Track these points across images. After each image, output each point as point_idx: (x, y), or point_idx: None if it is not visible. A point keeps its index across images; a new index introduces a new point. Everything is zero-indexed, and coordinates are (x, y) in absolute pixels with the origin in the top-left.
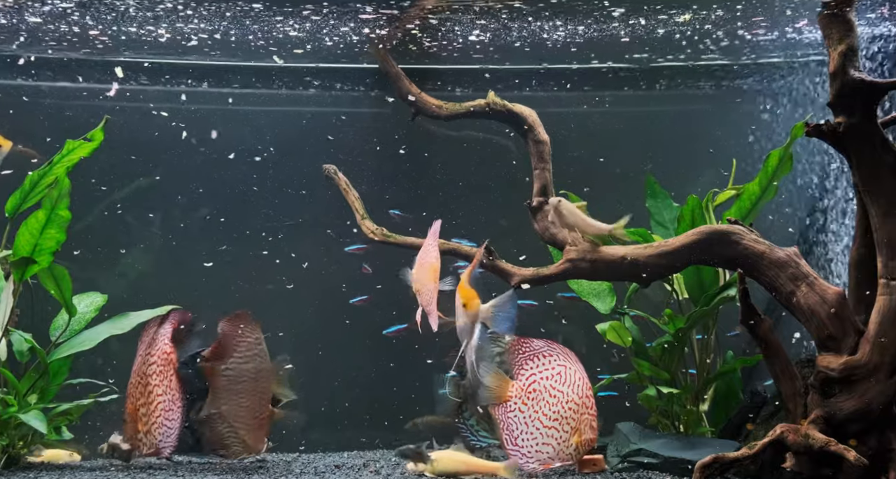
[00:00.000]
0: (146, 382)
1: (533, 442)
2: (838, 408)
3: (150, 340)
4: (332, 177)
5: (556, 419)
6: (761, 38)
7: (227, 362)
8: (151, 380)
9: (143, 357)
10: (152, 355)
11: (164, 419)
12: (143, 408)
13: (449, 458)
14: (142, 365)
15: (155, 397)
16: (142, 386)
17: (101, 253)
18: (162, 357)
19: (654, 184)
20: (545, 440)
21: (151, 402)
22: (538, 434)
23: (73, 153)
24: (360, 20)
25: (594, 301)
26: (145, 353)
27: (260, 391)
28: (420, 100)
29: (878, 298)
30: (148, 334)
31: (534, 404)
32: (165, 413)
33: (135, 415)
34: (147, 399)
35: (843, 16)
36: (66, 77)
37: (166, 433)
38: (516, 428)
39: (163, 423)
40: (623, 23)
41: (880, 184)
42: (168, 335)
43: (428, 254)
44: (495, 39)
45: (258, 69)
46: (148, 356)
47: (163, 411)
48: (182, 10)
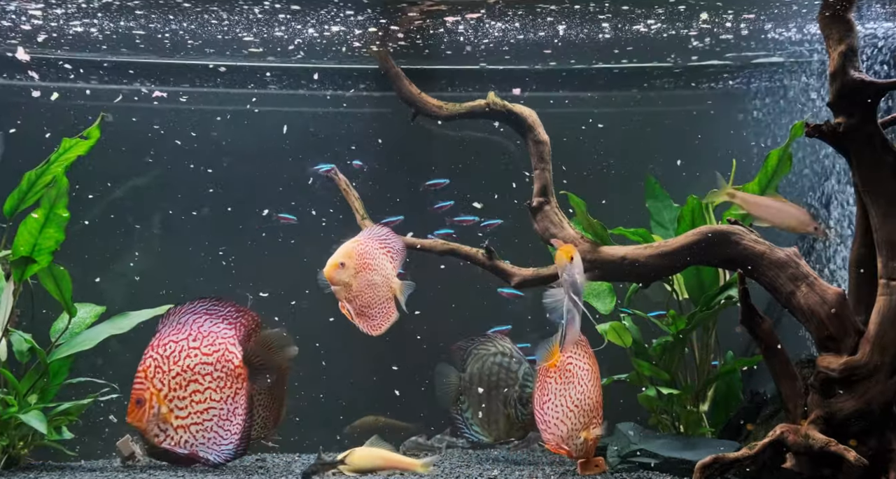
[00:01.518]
0: (192, 378)
1: (554, 416)
2: (838, 408)
3: (191, 332)
4: (333, 177)
5: (576, 406)
6: (766, 35)
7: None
8: (203, 381)
9: (183, 349)
10: (207, 355)
11: (218, 428)
12: (180, 401)
13: (364, 454)
14: (184, 357)
15: (208, 401)
16: (182, 379)
17: (100, 253)
18: (224, 363)
19: (654, 184)
20: (563, 419)
21: (199, 402)
22: (559, 411)
23: (70, 151)
24: (360, 20)
25: (594, 301)
26: (189, 346)
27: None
28: (420, 100)
29: (878, 298)
30: (187, 325)
31: (566, 382)
32: (221, 422)
33: (160, 401)
34: (191, 397)
35: (843, 16)
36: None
37: (215, 442)
38: (547, 395)
39: (214, 430)
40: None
41: (880, 184)
42: (232, 339)
43: (370, 257)
44: (495, 39)
45: (258, 69)
46: (198, 353)
47: (217, 418)
48: (180, 10)
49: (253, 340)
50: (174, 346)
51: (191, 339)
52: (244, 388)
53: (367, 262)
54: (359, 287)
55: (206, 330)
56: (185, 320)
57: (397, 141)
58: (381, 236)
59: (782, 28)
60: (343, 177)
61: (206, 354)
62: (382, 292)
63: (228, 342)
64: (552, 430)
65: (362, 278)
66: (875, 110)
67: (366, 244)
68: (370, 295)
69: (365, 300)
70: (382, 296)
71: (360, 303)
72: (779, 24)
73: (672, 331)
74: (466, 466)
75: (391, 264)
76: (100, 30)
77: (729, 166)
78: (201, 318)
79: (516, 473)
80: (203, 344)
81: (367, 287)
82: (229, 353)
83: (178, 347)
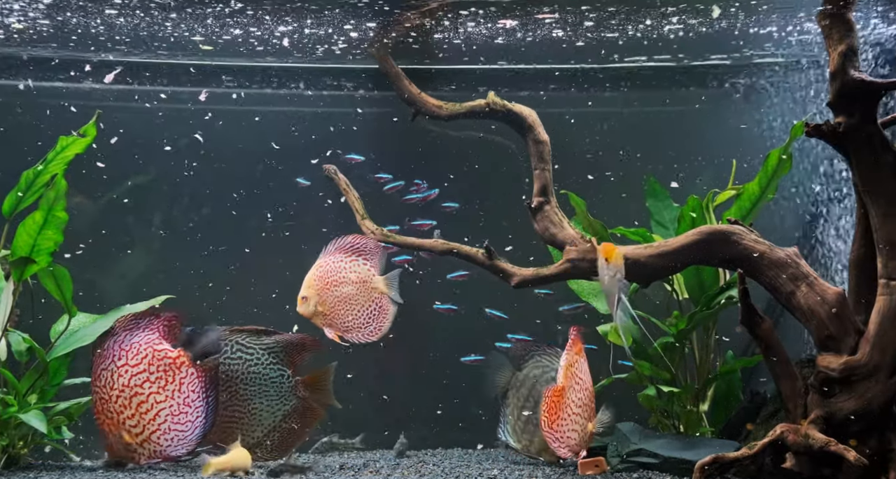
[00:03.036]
0: (132, 393)
1: (566, 428)
2: (838, 408)
3: (115, 352)
4: (333, 177)
5: (580, 406)
6: (766, 31)
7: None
8: (142, 390)
9: (113, 371)
10: (135, 365)
11: (174, 424)
12: (130, 419)
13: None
14: (117, 378)
15: (154, 405)
16: (124, 399)
17: (100, 253)
18: (156, 364)
19: (654, 184)
20: (573, 427)
21: (147, 412)
22: (569, 421)
23: (67, 150)
24: (360, 20)
25: (594, 301)
26: (118, 366)
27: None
28: (420, 100)
29: (878, 298)
30: (111, 348)
31: (570, 389)
32: (174, 418)
33: (117, 428)
34: (137, 410)
35: (843, 16)
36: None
37: (179, 438)
38: (556, 414)
39: (171, 428)
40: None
41: (880, 184)
42: (157, 339)
43: (332, 273)
44: (494, 39)
45: (257, 69)
46: (126, 368)
47: (169, 416)
48: (180, 10)
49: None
50: (106, 374)
51: (116, 359)
52: (190, 372)
53: (331, 280)
54: (332, 308)
55: (128, 344)
56: (108, 348)
57: (398, 140)
58: (345, 246)
59: (782, 27)
60: (343, 177)
61: (135, 365)
62: (361, 298)
63: (153, 344)
64: (566, 442)
65: (331, 297)
66: (875, 110)
67: (324, 264)
68: (346, 309)
69: (344, 316)
70: (362, 302)
71: (342, 320)
72: (778, 23)
73: (673, 331)
74: (466, 466)
75: (367, 264)
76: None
77: (729, 166)
78: (120, 337)
79: (516, 473)
80: (129, 357)
81: (339, 303)
82: (158, 352)
83: (108, 373)
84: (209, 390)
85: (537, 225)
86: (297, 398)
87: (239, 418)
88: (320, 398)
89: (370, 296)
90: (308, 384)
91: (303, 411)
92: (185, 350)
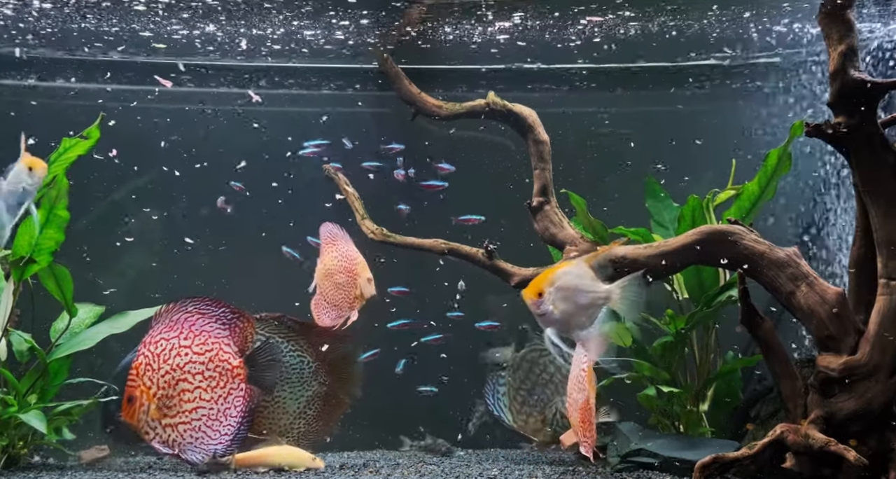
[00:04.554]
0: (182, 377)
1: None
2: (838, 408)
3: (182, 330)
4: (333, 177)
5: (590, 403)
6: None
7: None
8: (192, 380)
9: (175, 346)
10: (198, 353)
11: (205, 427)
12: (168, 399)
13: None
14: (174, 355)
15: (196, 399)
16: (171, 378)
17: (100, 253)
18: (216, 362)
19: (654, 184)
20: (593, 422)
21: (187, 401)
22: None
23: (70, 151)
24: (360, 20)
25: None
26: (181, 344)
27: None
28: (420, 100)
29: (878, 298)
30: (180, 323)
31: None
32: (209, 421)
33: (149, 399)
34: (179, 396)
35: (843, 16)
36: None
37: (202, 441)
38: (587, 420)
39: (201, 429)
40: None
41: (880, 184)
42: (227, 339)
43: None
44: (495, 39)
45: (256, 70)
46: (188, 351)
47: (205, 417)
48: (183, 10)
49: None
50: (165, 344)
51: (181, 337)
52: (241, 388)
53: (335, 272)
54: (340, 292)
55: (199, 329)
56: (176, 319)
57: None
58: (326, 237)
59: (782, 27)
60: (343, 177)
61: (198, 353)
62: (343, 278)
63: (222, 342)
64: (592, 438)
65: (334, 283)
66: (875, 110)
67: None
68: (336, 291)
69: (340, 296)
70: (346, 282)
71: (338, 299)
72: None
73: (671, 330)
74: (466, 465)
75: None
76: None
77: (729, 166)
78: (193, 316)
79: (516, 472)
80: (194, 343)
81: (335, 289)
82: (224, 353)
83: (168, 345)
84: (247, 415)
85: (537, 225)
86: (318, 384)
87: (265, 406)
88: (343, 386)
89: (349, 276)
90: (330, 370)
91: (326, 398)
92: (246, 363)
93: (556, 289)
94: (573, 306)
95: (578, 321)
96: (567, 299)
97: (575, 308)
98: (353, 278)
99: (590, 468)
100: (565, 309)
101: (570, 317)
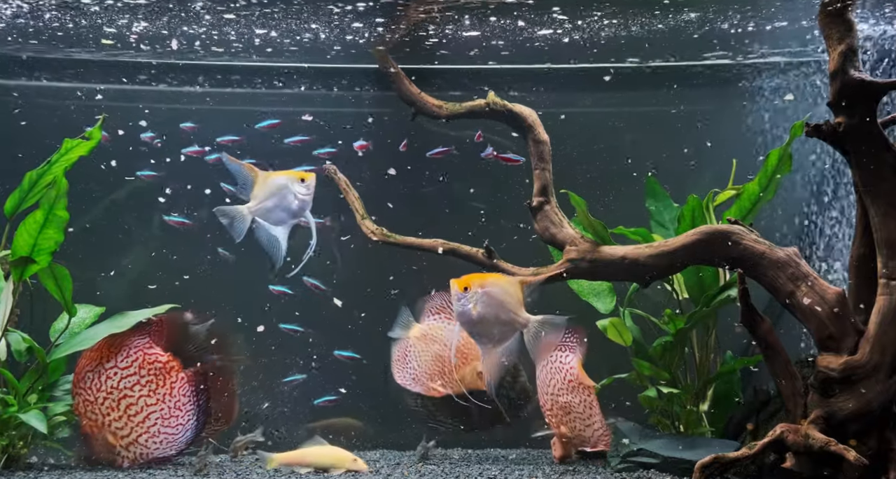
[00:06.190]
0: (121, 395)
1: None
2: (838, 408)
3: (102, 354)
4: (332, 177)
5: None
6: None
7: None
8: (132, 392)
9: (101, 373)
10: (125, 368)
11: (163, 427)
12: (117, 422)
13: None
14: (105, 379)
15: (144, 408)
16: (111, 401)
17: (100, 253)
18: (147, 367)
19: (654, 184)
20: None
21: (136, 414)
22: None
23: (72, 152)
24: (360, 20)
25: (594, 301)
26: (105, 368)
27: None
28: (420, 100)
29: (878, 298)
30: (99, 349)
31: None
32: (164, 421)
33: (100, 430)
34: (125, 412)
35: (843, 16)
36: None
37: (168, 440)
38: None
39: (160, 431)
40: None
41: (880, 184)
42: (147, 343)
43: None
44: (495, 39)
45: (256, 69)
46: (116, 369)
47: (159, 419)
48: (185, 10)
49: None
50: (90, 375)
51: (104, 361)
52: (181, 377)
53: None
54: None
55: (117, 346)
56: (94, 347)
57: (397, 140)
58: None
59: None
60: (343, 177)
61: (125, 367)
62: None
63: (144, 347)
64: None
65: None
66: (875, 110)
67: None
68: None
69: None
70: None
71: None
72: (779, 22)
73: (671, 329)
74: (466, 465)
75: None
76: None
77: (730, 166)
78: (110, 339)
79: (516, 473)
80: (118, 360)
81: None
82: (149, 355)
83: (94, 374)
84: (200, 393)
85: (537, 225)
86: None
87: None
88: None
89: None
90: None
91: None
92: (175, 353)
93: (483, 292)
94: (491, 316)
95: (488, 332)
96: (488, 306)
97: (492, 319)
98: (465, 360)
99: (590, 468)
100: (483, 314)
101: (483, 325)
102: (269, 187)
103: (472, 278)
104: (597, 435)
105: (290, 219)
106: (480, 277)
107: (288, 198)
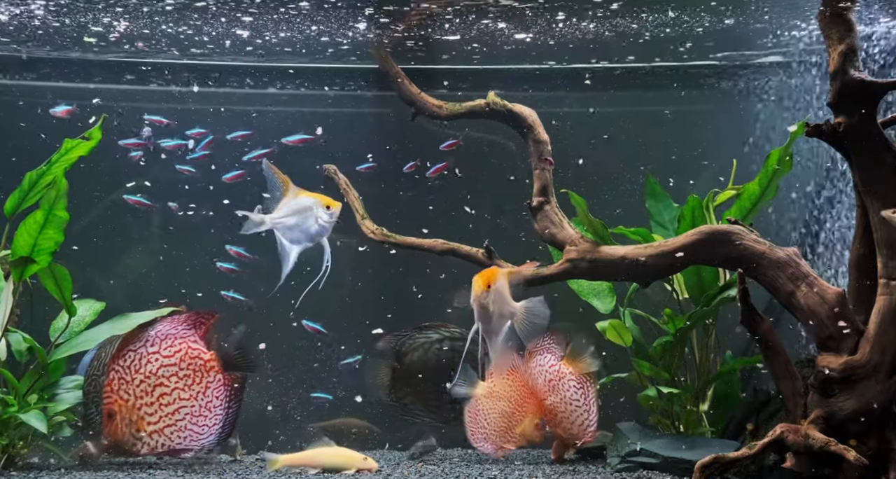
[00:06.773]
0: (157, 382)
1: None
2: (838, 408)
3: (148, 337)
4: (332, 177)
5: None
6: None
7: None
8: (168, 383)
9: (143, 355)
10: (167, 356)
11: (191, 424)
12: (147, 407)
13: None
14: (145, 363)
15: (176, 400)
16: (147, 386)
17: (100, 253)
18: (188, 361)
19: (654, 184)
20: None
21: (167, 405)
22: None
23: (72, 152)
24: (360, 20)
25: (594, 301)
26: (148, 352)
27: None
28: (420, 100)
29: (878, 298)
30: (144, 331)
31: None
32: (193, 418)
33: (129, 412)
34: (157, 400)
35: (843, 16)
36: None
37: (192, 438)
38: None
39: (187, 427)
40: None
41: (880, 184)
42: (193, 337)
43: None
44: (494, 39)
45: (257, 69)
46: (157, 356)
47: (189, 415)
48: (186, 10)
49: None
50: (133, 355)
51: (148, 345)
52: (218, 379)
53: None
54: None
55: (164, 333)
56: (141, 329)
57: (398, 140)
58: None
59: (785, 28)
60: (343, 176)
61: (167, 356)
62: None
63: (189, 340)
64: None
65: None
66: (875, 110)
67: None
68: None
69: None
70: (514, 412)
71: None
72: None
73: (671, 329)
74: (466, 465)
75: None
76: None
77: (730, 166)
78: (157, 324)
79: (516, 473)
80: (162, 347)
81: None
82: (192, 350)
83: (136, 355)
84: (232, 401)
85: (537, 225)
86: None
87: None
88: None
89: None
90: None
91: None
92: (218, 355)
93: (493, 290)
94: (497, 310)
95: (496, 327)
96: (496, 303)
97: (497, 313)
98: (523, 413)
99: (590, 468)
100: (494, 311)
101: (492, 320)
102: (296, 205)
103: (488, 277)
104: (581, 429)
105: (305, 241)
106: (492, 273)
107: (309, 220)
